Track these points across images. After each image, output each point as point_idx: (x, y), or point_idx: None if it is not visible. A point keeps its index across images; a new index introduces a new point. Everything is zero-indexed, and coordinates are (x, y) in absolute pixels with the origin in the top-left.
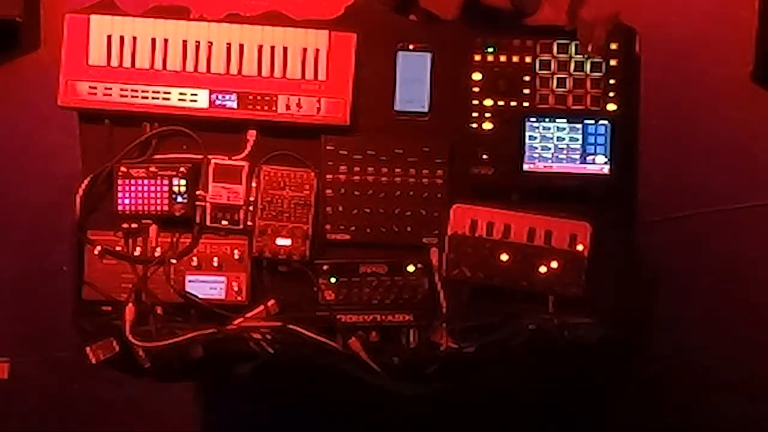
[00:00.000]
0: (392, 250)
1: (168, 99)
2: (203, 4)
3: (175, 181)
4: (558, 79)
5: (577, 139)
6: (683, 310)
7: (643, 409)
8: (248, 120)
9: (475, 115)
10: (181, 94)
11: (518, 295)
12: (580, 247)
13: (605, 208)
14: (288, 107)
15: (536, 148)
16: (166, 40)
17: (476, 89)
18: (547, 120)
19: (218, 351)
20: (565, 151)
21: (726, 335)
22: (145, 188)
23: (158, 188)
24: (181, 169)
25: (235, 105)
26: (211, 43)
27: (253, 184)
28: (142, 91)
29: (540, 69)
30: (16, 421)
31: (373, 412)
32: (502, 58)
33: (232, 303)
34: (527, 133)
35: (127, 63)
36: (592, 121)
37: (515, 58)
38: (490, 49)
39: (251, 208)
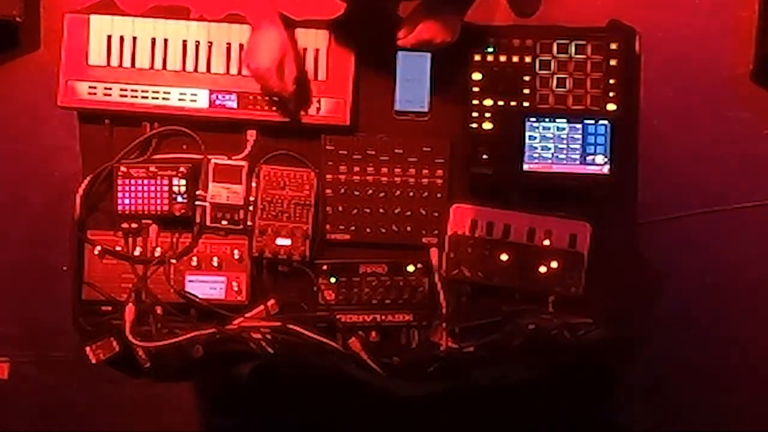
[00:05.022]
0: (392, 250)
1: (168, 99)
2: (203, 4)
3: (175, 181)
4: (558, 79)
5: (577, 139)
6: (683, 310)
7: (642, 409)
8: (248, 120)
9: (475, 115)
10: (181, 94)
11: (518, 295)
12: (580, 247)
13: (605, 208)
14: None
15: (536, 148)
16: (166, 40)
17: (476, 89)
18: (547, 120)
19: (218, 351)
20: (565, 151)
21: (726, 335)
22: (145, 188)
23: (158, 188)
24: (181, 169)
25: (235, 105)
26: (211, 43)
27: (253, 184)
28: (142, 91)
29: (540, 69)
30: (16, 421)
31: (373, 412)
32: (502, 58)
33: (232, 303)
34: (527, 133)
35: (127, 63)
36: (592, 121)
37: (515, 58)
38: (490, 49)
39: (251, 208)
